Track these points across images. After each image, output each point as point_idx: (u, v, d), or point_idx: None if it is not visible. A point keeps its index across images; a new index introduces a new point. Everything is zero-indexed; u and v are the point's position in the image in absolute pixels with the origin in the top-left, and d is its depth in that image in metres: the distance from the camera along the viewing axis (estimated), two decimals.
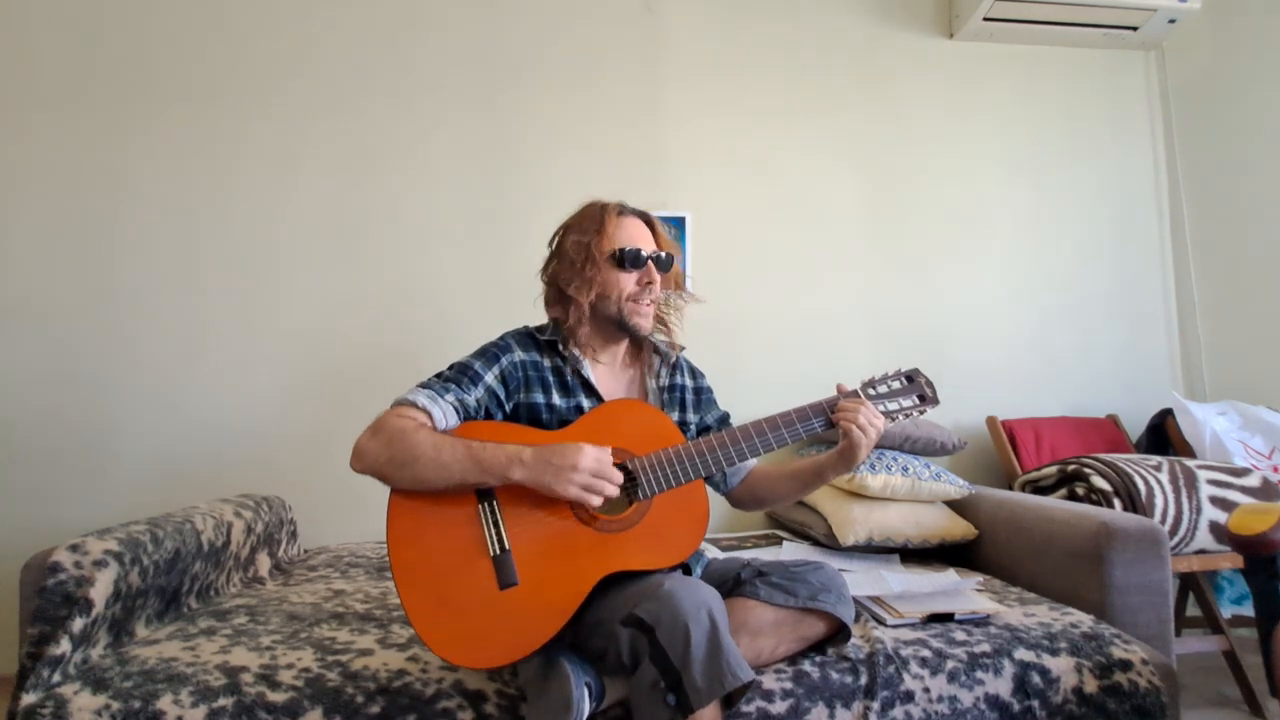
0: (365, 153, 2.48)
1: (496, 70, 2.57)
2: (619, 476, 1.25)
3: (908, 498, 2.10)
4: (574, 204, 1.54)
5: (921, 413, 1.45)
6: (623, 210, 1.48)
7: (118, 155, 2.37)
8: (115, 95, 2.37)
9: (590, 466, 1.23)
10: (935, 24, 2.82)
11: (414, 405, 1.30)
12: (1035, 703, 1.37)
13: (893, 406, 1.43)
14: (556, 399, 1.41)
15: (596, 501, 1.24)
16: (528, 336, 1.47)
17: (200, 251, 2.39)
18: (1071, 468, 2.15)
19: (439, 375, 1.39)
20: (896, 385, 1.46)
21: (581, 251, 1.42)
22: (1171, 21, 2.72)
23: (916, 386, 1.46)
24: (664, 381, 1.53)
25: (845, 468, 1.41)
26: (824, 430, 1.41)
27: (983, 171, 2.80)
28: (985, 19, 2.68)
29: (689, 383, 1.57)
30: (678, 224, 2.59)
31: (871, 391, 1.44)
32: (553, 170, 2.55)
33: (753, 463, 1.56)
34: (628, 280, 1.43)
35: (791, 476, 1.51)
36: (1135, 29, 2.76)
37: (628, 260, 1.42)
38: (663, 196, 2.60)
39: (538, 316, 1.53)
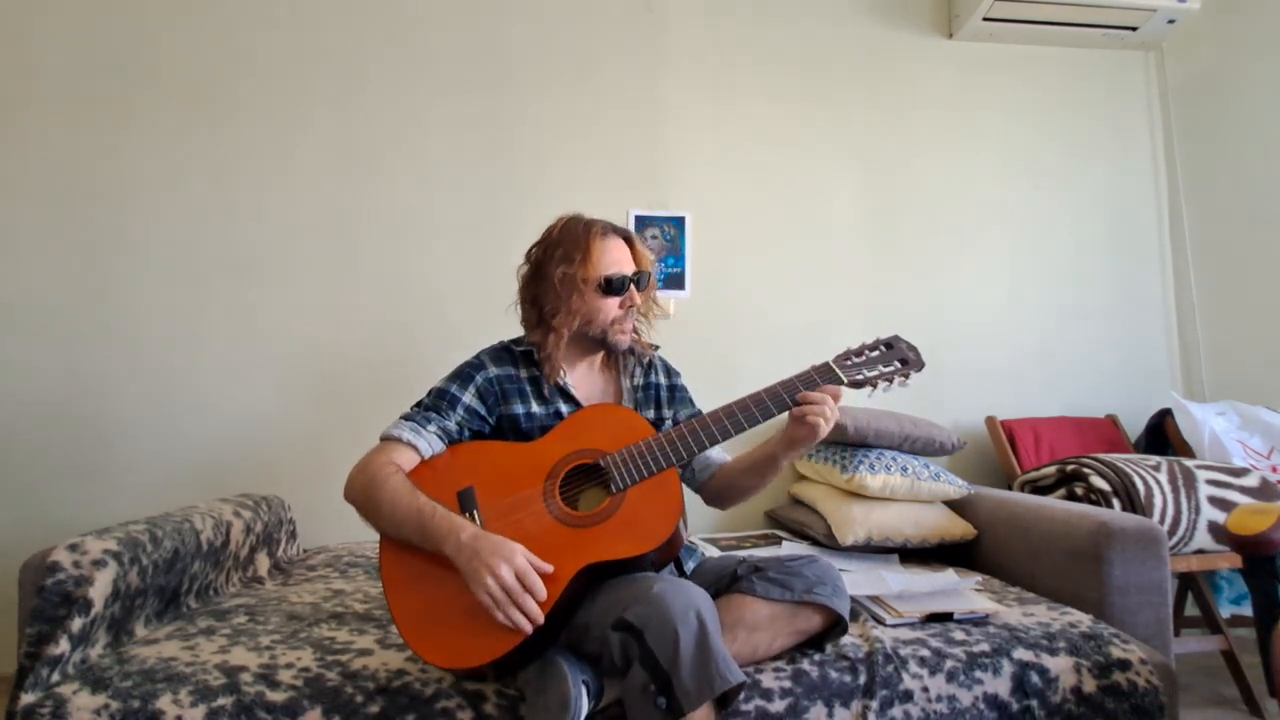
0: (363, 154, 2.48)
1: (497, 70, 2.57)
2: (534, 611, 1.17)
3: (907, 498, 2.10)
4: (573, 204, 1.54)
5: (906, 377, 1.39)
6: (606, 232, 1.48)
7: (115, 156, 2.36)
8: (113, 96, 2.37)
9: (505, 578, 1.17)
10: (935, 24, 2.82)
11: (400, 441, 1.35)
12: (1034, 702, 1.37)
13: (871, 374, 1.38)
14: (535, 408, 1.45)
15: (498, 617, 1.17)
16: (503, 350, 1.51)
17: (199, 252, 2.38)
18: (1070, 468, 2.15)
19: (419, 404, 1.44)
20: (875, 354, 1.41)
21: (568, 284, 1.43)
22: (1171, 22, 2.72)
23: (897, 351, 1.41)
24: (638, 381, 1.56)
25: (794, 453, 1.38)
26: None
27: (982, 171, 2.80)
28: (985, 19, 2.68)
29: (663, 381, 1.59)
30: (678, 224, 2.59)
31: (847, 363, 1.39)
32: (553, 171, 2.55)
33: (721, 459, 1.56)
34: (612, 306, 1.46)
35: (748, 468, 1.49)
36: (1135, 29, 2.76)
37: (614, 288, 1.45)
38: (663, 196, 2.60)
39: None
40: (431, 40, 2.54)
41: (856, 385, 1.38)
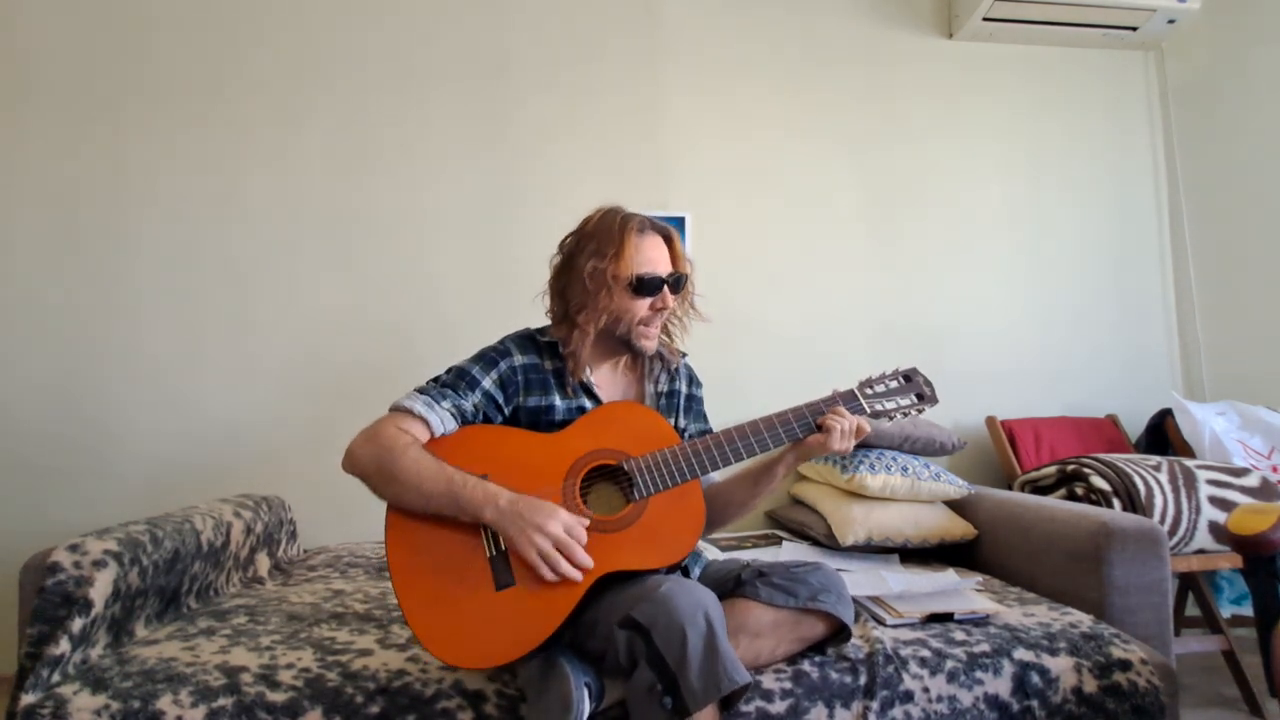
0: (365, 154, 2.48)
1: (497, 71, 2.56)
2: (586, 560, 1.23)
3: (907, 498, 2.10)
4: (573, 204, 1.52)
5: (920, 411, 1.45)
6: (643, 228, 1.42)
7: (116, 157, 2.36)
8: (114, 97, 2.37)
9: (555, 534, 1.21)
10: (935, 24, 2.82)
11: (411, 414, 1.31)
12: (1034, 702, 1.37)
13: (890, 405, 1.43)
14: (557, 401, 1.41)
15: (548, 574, 1.21)
16: (528, 339, 1.46)
17: (200, 252, 2.39)
18: (1071, 468, 2.15)
19: (437, 380, 1.39)
20: (894, 385, 1.46)
21: (598, 279, 1.37)
22: (1171, 22, 2.72)
23: (914, 385, 1.46)
24: (663, 387, 1.53)
25: (796, 461, 1.40)
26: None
27: (982, 171, 2.80)
28: (985, 19, 2.68)
29: (684, 389, 1.56)
30: (678, 224, 2.59)
31: (869, 391, 1.43)
32: (553, 171, 2.54)
33: (715, 477, 1.54)
34: (641, 306, 1.41)
35: (744, 476, 1.47)
36: (1135, 29, 2.76)
37: (646, 288, 1.39)
38: (663, 196, 2.60)
39: (538, 315, 1.53)
40: (430, 42, 2.54)
41: (875, 415, 1.42)
